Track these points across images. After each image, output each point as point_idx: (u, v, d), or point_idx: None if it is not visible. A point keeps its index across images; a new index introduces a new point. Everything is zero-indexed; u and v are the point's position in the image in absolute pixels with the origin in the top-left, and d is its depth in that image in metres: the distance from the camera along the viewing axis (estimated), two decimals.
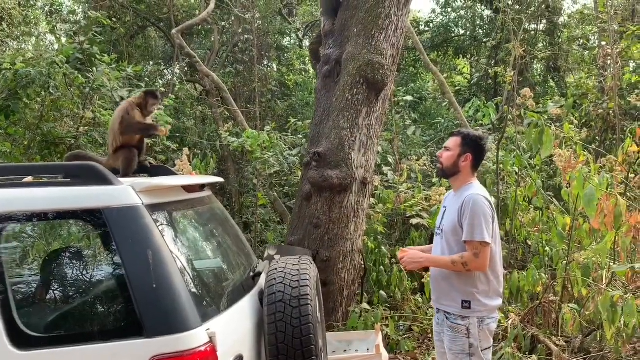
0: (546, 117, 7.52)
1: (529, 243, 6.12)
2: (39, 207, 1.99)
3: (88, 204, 2.01)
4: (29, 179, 2.30)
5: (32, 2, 15.23)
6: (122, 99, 7.03)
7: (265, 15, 13.92)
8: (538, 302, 4.78)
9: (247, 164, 9.16)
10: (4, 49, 11.64)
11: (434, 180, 7.28)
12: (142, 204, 2.06)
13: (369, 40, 5.18)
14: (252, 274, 2.66)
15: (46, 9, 15.16)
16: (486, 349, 2.93)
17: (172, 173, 3.03)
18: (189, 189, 2.46)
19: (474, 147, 3.04)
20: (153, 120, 6.74)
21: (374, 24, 5.21)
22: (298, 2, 16.66)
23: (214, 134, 10.56)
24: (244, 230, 8.89)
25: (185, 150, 5.28)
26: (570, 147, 4.13)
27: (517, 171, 6.65)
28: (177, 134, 9.99)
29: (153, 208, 2.10)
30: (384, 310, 5.20)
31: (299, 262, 2.56)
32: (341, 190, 5.02)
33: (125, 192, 2.06)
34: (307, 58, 17.50)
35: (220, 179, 2.96)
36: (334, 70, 5.38)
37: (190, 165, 5.38)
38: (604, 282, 4.58)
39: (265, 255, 4.97)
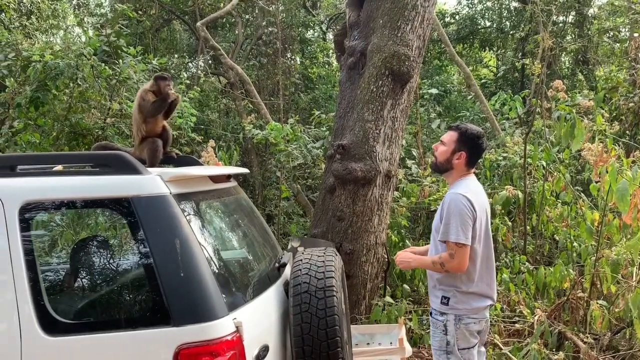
0: (575, 110, 7.38)
1: (556, 238, 6.01)
2: (68, 196, 2.02)
3: (116, 193, 2.03)
4: (59, 167, 2.33)
5: None
6: None
7: (289, 8, 13.90)
8: (565, 298, 4.70)
9: (270, 156, 9.18)
10: (34, 42, 11.84)
11: None
12: (170, 193, 2.07)
13: (394, 31, 5.12)
14: (277, 264, 2.65)
15: (74, 2, 15.39)
16: (464, 348, 2.87)
17: (199, 163, 3.04)
18: (215, 179, 2.47)
19: (469, 145, 2.94)
20: (174, 115, 6.83)
21: (400, 15, 5.15)
22: None
23: (237, 126, 10.60)
24: (267, 223, 8.92)
25: (211, 142, 5.31)
26: (601, 140, 4.01)
27: (544, 165, 6.53)
28: (202, 126, 10.07)
29: (180, 197, 2.11)
30: (407, 304, 5.17)
31: (324, 253, 2.55)
32: (365, 183, 4.99)
33: (153, 181, 2.07)
34: (331, 51, 17.44)
35: (245, 170, 2.97)
36: (358, 62, 5.34)
37: (215, 157, 5.41)
38: (634, 278, 4.48)
39: (289, 247, 4.99)
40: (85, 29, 9.38)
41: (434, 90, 8.90)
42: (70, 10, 15.52)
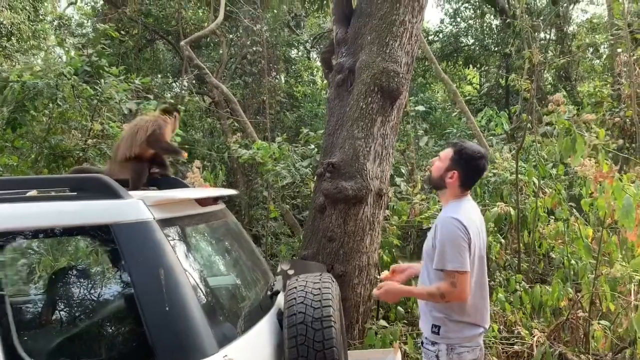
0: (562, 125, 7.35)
1: (552, 256, 5.91)
2: (42, 224, 1.84)
3: (95, 220, 1.86)
4: (33, 192, 2.15)
5: (41, 17, 15.31)
6: (130, 111, 6.93)
7: (274, 27, 13.87)
8: (565, 318, 4.57)
9: (257, 175, 9.03)
10: (14, 64, 11.62)
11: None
12: (154, 218, 1.91)
13: (383, 47, 5.04)
14: (270, 292, 2.49)
15: (55, 22, 15.22)
16: None
17: (185, 185, 2.88)
18: (202, 202, 2.31)
19: (464, 165, 2.72)
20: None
21: (388, 31, 5.07)
22: (306, 14, 16.63)
23: (222, 145, 10.45)
24: (254, 243, 8.75)
25: (197, 162, 5.13)
26: (605, 158, 3.92)
27: (535, 181, 6.46)
28: (186, 146, 9.90)
29: (165, 223, 1.95)
30: (402, 326, 5.00)
31: (320, 279, 2.39)
32: (356, 202, 4.85)
33: (135, 206, 1.91)
34: (316, 69, 17.49)
35: (233, 191, 2.81)
36: (347, 79, 5.24)
37: (201, 177, 5.24)
38: (632, 296, 4.37)
39: (279, 269, 4.82)
40: (67, 49, 9.20)
41: (421, 107, 8.84)
42: (52, 31, 15.35)
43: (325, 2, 15.23)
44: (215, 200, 2.52)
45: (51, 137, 5.37)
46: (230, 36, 14.14)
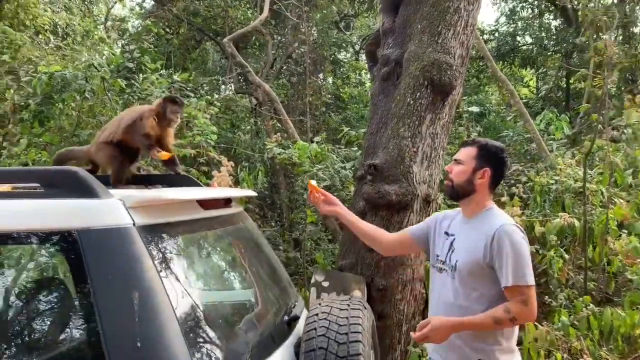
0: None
1: (627, 275, 5.22)
2: None
3: (57, 224, 1.46)
4: (6, 187, 1.78)
5: (94, 17, 15.53)
6: None
7: (322, 28, 13.49)
8: None
9: (297, 177, 8.63)
10: (66, 63, 11.72)
11: (503, 199, 6.46)
12: (133, 224, 1.49)
13: (434, 37, 4.52)
14: (286, 318, 2.01)
15: (108, 23, 15.40)
16: None
17: (196, 184, 2.46)
18: (205, 204, 1.87)
19: (494, 161, 2.42)
20: (194, 133, 6.34)
21: (440, 20, 4.56)
22: (355, 14, 16.19)
23: (264, 146, 10.12)
24: (294, 248, 8.34)
25: (224, 160, 4.73)
26: None
27: (602, 191, 5.78)
28: (229, 146, 9.63)
29: (149, 230, 1.53)
30: None
31: (348, 305, 1.92)
32: (400, 208, 4.35)
33: (111, 208, 1.50)
34: (364, 70, 17.03)
35: (251, 193, 2.37)
36: (393, 72, 4.75)
37: (235, 177, 4.86)
38: None
39: (312, 281, 4.37)
40: (109, 43, 9.11)
41: (475, 108, 8.24)
42: (102, 30, 15.53)
43: (375, 1, 14.78)
44: (226, 202, 2.08)
45: (80, 131, 5.12)
46: (279, 37, 13.87)
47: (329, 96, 13.49)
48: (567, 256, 5.30)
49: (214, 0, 13.02)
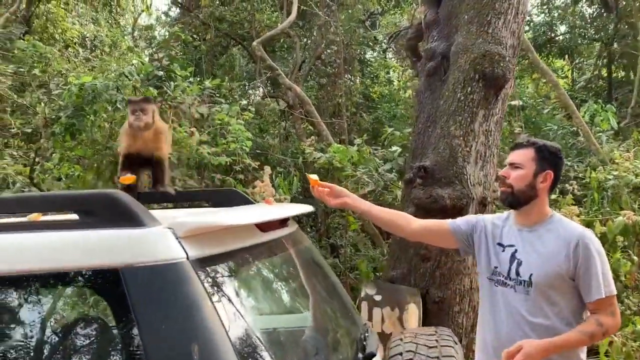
0: None
1: None
2: (17, 268, 1.21)
3: (97, 260, 1.21)
4: (34, 216, 1.55)
5: (121, 28, 15.59)
6: (201, 115, 6.49)
7: (349, 27, 13.21)
8: None
9: (333, 181, 8.36)
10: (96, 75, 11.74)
11: (553, 196, 6.05)
12: (187, 258, 1.23)
13: (484, 27, 4.21)
14: (360, 355, 1.71)
15: (135, 33, 15.43)
16: None
17: (246, 200, 2.19)
18: (264, 226, 1.60)
19: (554, 163, 2.21)
20: (229, 140, 6.12)
21: (490, 8, 4.24)
22: (382, 12, 15.87)
23: (297, 150, 9.88)
24: (331, 254, 8.05)
25: (267, 169, 4.47)
26: None
27: None
28: (260, 151, 9.42)
29: (205, 264, 1.26)
30: None
31: (436, 340, 1.62)
32: (455, 213, 4.00)
33: (159, 238, 1.24)
34: (393, 69, 16.67)
35: (309, 208, 2.09)
36: (440, 66, 4.45)
37: (272, 186, 4.61)
38: None
39: (362, 294, 4.08)
40: (137, 52, 9.01)
41: (518, 102, 7.81)
42: (130, 41, 15.56)
43: None
44: (283, 221, 1.81)
45: (113, 143, 4.94)
46: (305, 40, 13.66)
47: (359, 96, 13.21)
48: (636, 258, 4.89)
49: (240, 5, 12.87)
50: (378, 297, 3.87)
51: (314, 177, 2.21)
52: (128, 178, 2.27)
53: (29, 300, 1.28)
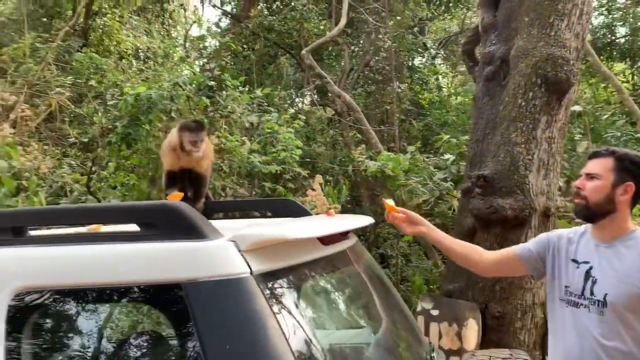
0: None
1: None
2: (76, 281, 1.17)
3: (157, 274, 1.15)
4: (94, 227, 1.52)
5: (173, 40, 15.96)
6: (251, 124, 6.51)
7: (397, 34, 13.08)
8: None
9: (382, 189, 8.22)
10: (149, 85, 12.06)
11: None
12: (250, 272, 1.15)
13: (546, 29, 4.01)
14: None
15: (186, 44, 15.76)
16: None
17: (304, 212, 2.11)
18: (326, 239, 1.52)
19: (636, 174, 2.00)
20: (278, 148, 6.11)
21: (552, 10, 4.04)
22: (431, 17, 15.65)
23: (345, 158, 9.79)
24: (380, 264, 7.91)
25: (318, 177, 4.40)
26: None
27: None
28: (309, 159, 9.39)
29: (269, 279, 1.19)
30: None
31: None
32: (517, 224, 3.85)
33: (222, 251, 1.17)
34: (442, 74, 16.39)
35: (369, 220, 2.00)
36: (498, 71, 4.28)
37: (323, 195, 4.54)
38: None
39: (419, 309, 3.94)
40: (189, 62, 9.17)
41: (577, 107, 7.49)
42: (182, 52, 15.91)
43: (451, 4, 14.26)
44: (344, 233, 1.72)
45: None
46: (352, 47, 13.60)
47: (408, 103, 13.02)
48: None
49: (288, 14, 12.96)
50: (435, 312, 3.72)
51: (390, 202, 2.12)
52: (176, 195, 2.27)
53: (89, 314, 1.24)
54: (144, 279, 1.16)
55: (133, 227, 1.32)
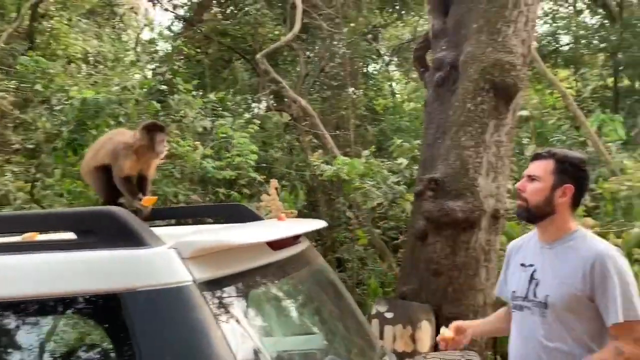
0: None
1: None
2: (4, 293, 1.10)
3: (93, 284, 1.09)
4: (29, 236, 1.44)
5: (124, 43, 15.58)
6: (205, 129, 6.40)
7: (351, 41, 13.21)
8: None
9: (339, 194, 8.25)
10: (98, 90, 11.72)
11: None
12: (193, 281, 1.12)
13: (493, 35, 4.12)
14: None
15: (138, 49, 15.42)
16: None
17: (254, 216, 2.07)
18: (275, 244, 1.49)
19: (575, 176, 2.03)
20: (233, 153, 6.04)
21: (499, 16, 4.16)
22: (384, 24, 15.87)
23: (302, 163, 9.79)
24: (337, 268, 7.92)
25: (273, 182, 4.34)
26: None
27: None
28: (264, 164, 9.34)
29: (212, 287, 1.15)
30: None
31: None
32: (467, 226, 3.93)
33: (163, 259, 1.13)
34: (396, 81, 16.62)
35: (322, 223, 1.98)
36: (448, 76, 4.36)
37: (279, 200, 4.50)
38: None
39: (374, 312, 3.95)
40: (140, 67, 8.97)
41: (525, 112, 7.73)
42: (133, 55, 15.54)
43: (403, 11, 14.49)
44: (295, 238, 1.70)
45: None
46: (308, 53, 13.64)
47: (363, 108, 13.15)
48: None
49: (242, 19, 12.87)
50: (389, 315, 3.75)
51: (448, 333, 2.17)
52: (151, 199, 2.20)
53: (22, 328, 1.17)
54: (80, 289, 1.11)
55: (71, 235, 1.26)
